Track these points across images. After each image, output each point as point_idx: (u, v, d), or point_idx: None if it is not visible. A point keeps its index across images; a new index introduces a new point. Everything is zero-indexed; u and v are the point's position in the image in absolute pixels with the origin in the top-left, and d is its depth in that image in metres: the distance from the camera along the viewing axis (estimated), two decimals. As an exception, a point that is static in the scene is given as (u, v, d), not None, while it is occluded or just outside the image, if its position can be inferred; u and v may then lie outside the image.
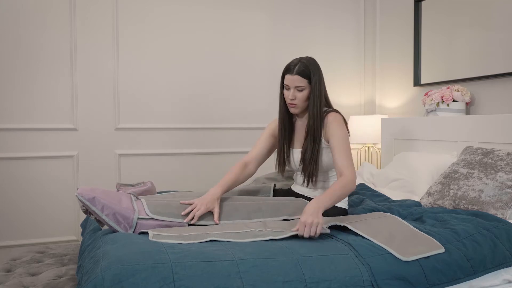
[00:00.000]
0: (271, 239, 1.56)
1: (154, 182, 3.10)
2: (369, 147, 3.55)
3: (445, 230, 1.66)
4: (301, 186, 2.06)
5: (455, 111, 2.76)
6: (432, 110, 2.86)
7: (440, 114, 2.81)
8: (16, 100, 2.89)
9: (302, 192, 2.06)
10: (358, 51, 3.78)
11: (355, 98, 3.80)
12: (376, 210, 1.99)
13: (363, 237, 1.59)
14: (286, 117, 2.02)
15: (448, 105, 2.76)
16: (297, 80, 1.90)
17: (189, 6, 3.26)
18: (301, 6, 3.57)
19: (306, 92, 1.92)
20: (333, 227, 1.72)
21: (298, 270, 1.37)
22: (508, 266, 1.62)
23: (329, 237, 1.63)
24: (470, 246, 1.58)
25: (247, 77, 3.44)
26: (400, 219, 1.75)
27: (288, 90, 1.94)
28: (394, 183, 2.67)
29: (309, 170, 1.94)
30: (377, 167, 3.43)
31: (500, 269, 1.60)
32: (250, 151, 2.07)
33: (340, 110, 2.28)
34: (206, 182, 3.25)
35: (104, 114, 3.09)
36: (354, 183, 1.78)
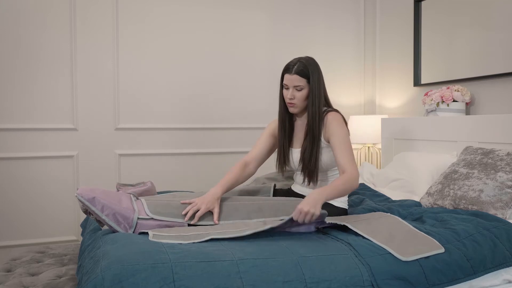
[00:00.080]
0: (271, 228, 1.58)
1: (154, 182, 3.09)
2: (369, 147, 3.55)
3: (445, 230, 1.66)
4: (301, 186, 2.06)
5: (455, 111, 2.76)
6: (432, 110, 2.86)
7: (440, 114, 2.81)
8: (16, 100, 2.89)
9: (302, 192, 2.06)
10: (358, 51, 3.78)
11: (355, 98, 3.80)
12: (376, 210, 1.99)
13: (363, 237, 1.59)
14: (286, 116, 2.02)
15: (448, 105, 2.76)
16: (295, 79, 1.90)
17: (189, 6, 3.26)
18: (301, 6, 3.57)
19: (305, 91, 1.92)
20: (333, 227, 1.72)
21: (298, 270, 1.37)
22: (508, 266, 1.62)
23: (329, 237, 1.63)
24: (470, 246, 1.58)
25: (247, 77, 3.44)
26: (400, 219, 1.75)
27: (287, 89, 1.94)
28: (394, 183, 2.67)
29: (308, 170, 1.94)
30: (377, 167, 3.43)
31: (500, 269, 1.60)
32: (250, 151, 2.07)
33: (340, 110, 2.28)
34: (206, 182, 3.25)
35: (104, 114, 3.09)
36: (357, 180, 1.77)
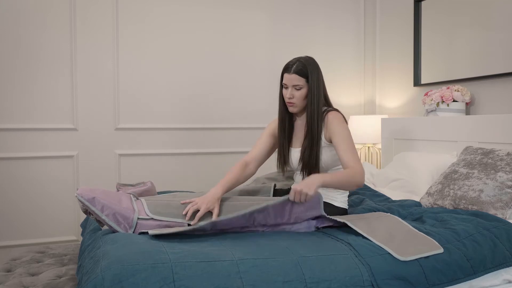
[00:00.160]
0: (266, 205, 1.61)
1: (154, 182, 3.09)
2: (369, 147, 3.55)
3: (445, 230, 1.66)
4: (301, 186, 2.06)
5: (455, 111, 2.76)
6: (432, 110, 2.86)
7: (440, 114, 2.80)
8: (16, 100, 2.89)
9: (302, 192, 2.06)
10: (358, 51, 3.78)
11: (355, 98, 3.80)
12: (376, 210, 1.99)
13: (363, 237, 1.59)
14: (286, 116, 2.02)
15: (448, 105, 2.76)
16: (294, 79, 1.90)
17: (189, 6, 3.26)
18: (301, 6, 3.57)
19: (304, 91, 1.92)
20: (333, 227, 1.73)
21: (298, 270, 1.37)
22: (508, 266, 1.62)
23: (329, 237, 1.63)
24: (470, 246, 1.58)
25: (247, 77, 3.44)
26: (400, 219, 1.75)
27: (286, 89, 1.94)
28: (394, 183, 2.67)
29: (308, 169, 1.93)
30: (377, 167, 3.43)
31: (500, 269, 1.61)
32: (250, 151, 2.07)
33: (340, 110, 2.27)
34: (206, 182, 3.25)
35: (104, 114, 3.09)
36: (362, 176, 1.75)
